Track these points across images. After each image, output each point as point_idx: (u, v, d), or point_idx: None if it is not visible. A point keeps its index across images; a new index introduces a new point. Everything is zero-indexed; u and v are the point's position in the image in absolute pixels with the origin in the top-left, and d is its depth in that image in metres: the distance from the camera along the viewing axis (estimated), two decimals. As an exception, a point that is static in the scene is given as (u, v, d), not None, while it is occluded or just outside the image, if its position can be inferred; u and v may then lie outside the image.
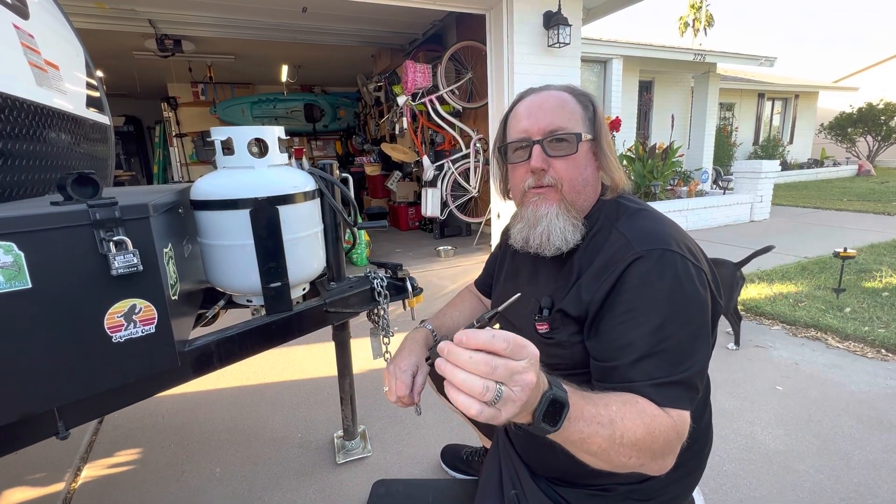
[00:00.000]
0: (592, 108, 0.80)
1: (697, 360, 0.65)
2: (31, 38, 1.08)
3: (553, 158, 0.76)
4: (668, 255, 0.67)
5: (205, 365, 0.99)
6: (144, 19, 4.49)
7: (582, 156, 0.78)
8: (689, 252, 0.70)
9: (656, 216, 0.77)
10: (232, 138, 1.06)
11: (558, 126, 0.76)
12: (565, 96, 0.79)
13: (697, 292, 0.67)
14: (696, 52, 8.05)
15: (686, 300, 0.65)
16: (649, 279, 0.66)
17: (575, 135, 0.76)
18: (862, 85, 14.85)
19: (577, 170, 0.77)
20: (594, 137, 0.79)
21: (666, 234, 0.71)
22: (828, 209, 6.59)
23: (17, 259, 0.64)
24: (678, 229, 0.75)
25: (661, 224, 0.75)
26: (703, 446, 0.85)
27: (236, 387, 2.07)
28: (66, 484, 1.46)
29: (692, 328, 0.65)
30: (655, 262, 0.67)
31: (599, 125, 0.79)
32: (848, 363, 2.08)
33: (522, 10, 3.89)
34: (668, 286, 0.66)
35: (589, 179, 0.79)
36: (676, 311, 0.65)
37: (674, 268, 0.66)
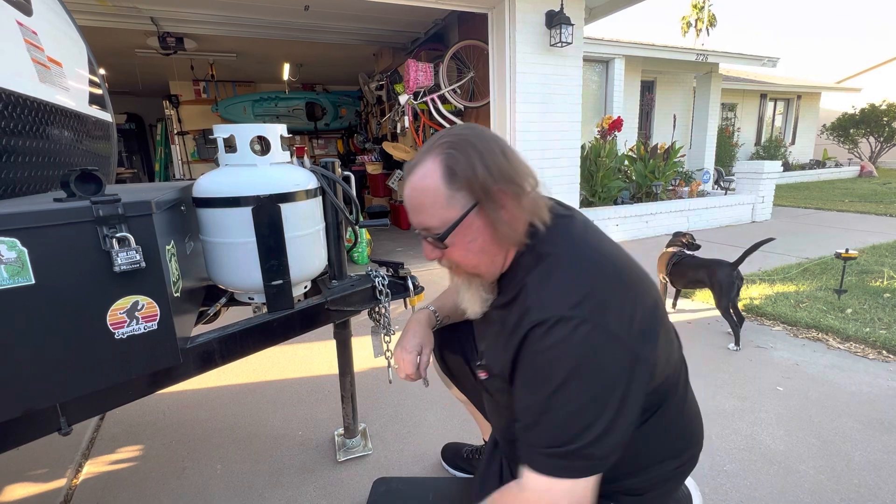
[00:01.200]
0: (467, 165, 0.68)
1: (590, 431, 0.62)
2: (34, 35, 1.09)
3: (439, 249, 0.75)
4: (563, 323, 0.62)
5: (206, 362, 0.99)
6: (147, 17, 4.49)
7: (462, 238, 0.72)
8: (596, 313, 0.63)
9: (573, 264, 0.69)
10: (234, 136, 1.07)
11: (425, 226, 0.73)
12: (429, 182, 0.70)
13: (594, 360, 0.62)
14: (699, 53, 8.04)
15: (577, 370, 0.62)
16: (540, 349, 0.64)
17: (439, 236, 0.71)
18: (864, 86, 14.81)
19: (462, 252, 0.73)
20: (475, 202, 0.70)
21: (571, 293, 0.65)
22: (830, 210, 6.58)
23: (20, 255, 0.64)
24: (599, 278, 0.67)
25: (571, 278, 0.67)
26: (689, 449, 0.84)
27: (237, 384, 2.07)
28: (68, 480, 1.46)
29: (585, 398, 0.62)
30: (548, 331, 0.63)
31: (483, 181, 0.68)
32: (849, 364, 2.08)
33: (524, 9, 3.89)
34: (558, 357, 0.63)
35: (484, 249, 0.73)
36: (564, 381, 0.62)
37: (566, 336, 0.62)
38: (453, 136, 0.71)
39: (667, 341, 0.73)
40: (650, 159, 5.76)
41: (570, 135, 4.41)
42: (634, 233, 5.17)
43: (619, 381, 0.63)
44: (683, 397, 0.81)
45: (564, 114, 4.32)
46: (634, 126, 8.26)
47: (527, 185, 0.72)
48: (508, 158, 0.71)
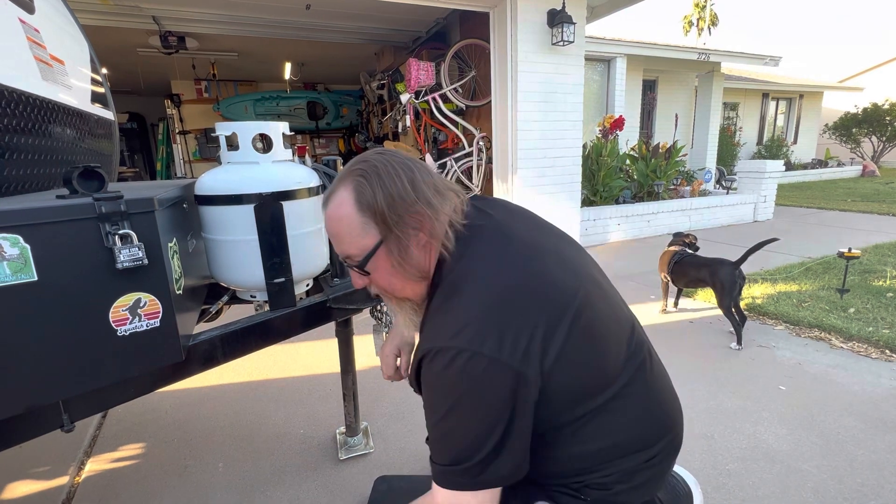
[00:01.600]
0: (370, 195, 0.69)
1: (480, 452, 0.65)
2: (36, 33, 1.09)
3: (367, 276, 0.77)
4: (442, 354, 0.66)
5: (209, 360, 0.99)
6: (148, 16, 4.50)
7: (381, 267, 0.74)
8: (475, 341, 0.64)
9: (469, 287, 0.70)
10: (237, 133, 1.07)
11: (345, 255, 0.75)
12: (343, 210, 0.71)
13: (474, 387, 0.64)
14: (700, 52, 8.02)
15: (458, 398, 0.65)
16: (426, 379, 0.69)
17: (358, 263, 0.73)
18: (867, 85, 14.76)
19: (385, 279, 0.76)
20: (382, 238, 0.71)
21: (453, 323, 0.67)
22: (832, 210, 6.56)
23: (23, 252, 0.64)
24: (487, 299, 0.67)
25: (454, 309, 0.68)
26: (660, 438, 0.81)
27: (239, 382, 2.08)
28: (70, 478, 1.47)
29: (470, 424, 0.65)
30: (430, 362, 0.67)
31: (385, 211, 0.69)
32: (852, 363, 2.08)
33: (526, 8, 3.88)
34: (439, 387, 0.67)
35: (403, 276, 0.75)
36: (449, 409, 0.66)
37: (444, 367, 0.65)
38: (363, 164, 0.72)
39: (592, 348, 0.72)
40: (652, 158, 5.75)
41: (571, 134, 4.40)
42: (636, 232, 5.16)
43: (502, 404, 0.65)
44: (646, 388, 0.79)
45: (566, 113, 4.31)
46: (636, 125, 8.25)
47: (436, 211, 0.71)
48: (416, 186, 0.71)
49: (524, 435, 0.68)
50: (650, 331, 2.48)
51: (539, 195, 4.36)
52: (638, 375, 0.78)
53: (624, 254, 4.51)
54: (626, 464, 0.77)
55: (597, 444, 0.75)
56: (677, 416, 0.85)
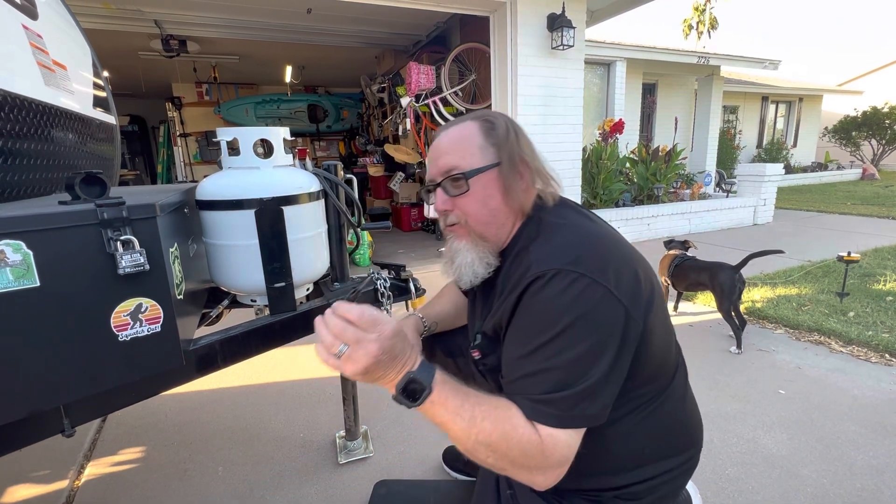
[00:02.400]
0: (497, 129, 0.78)
1: (586, 379, 0.63)
2: (39, 39, 1.09)
3: (455, 198, 0.78)
4: (561, 276, 0.65)
5: (209, 364, 0.99)
6: (150, 20, 4.51)
7: (481, 189, 0.76)
8: (592, 268, 0.66)
9: (574, 228, 0.74)
10: (238, 139, 1.07)
11: (451, 165, 0.77)
12: (465, 130, 0.78)
13: (590, 311, 0.64)
14: (700, 55, 8.04)
15: (573, 320, 0.63)
16: (538, 300, 0.67)
17: (463, 173, 0.76)
18: (866, 89, 14.79)
19: (477, 203, 0.77)
20: (499, 162, 0.77)
21: (569, 251, 0.68)
22: (832, 213, 6.57)
23: (25, 258, 0.65)
24: (594, 242, 0.71)
25: (572, 238, 0.71)
26: (687, 451, 0.83)
27: (239, 386, 2.08)
28: (70, 481, 1.47)
29: (579, 348, 0.63)
30: (546, 283, 0.66)
31: (511, 147, 0.77)
32: (851, 367, 2.08)
33: (526, 12, 3.90)
34: (554, 306, 0.65)
35: (497, 208, 0.77)
36: (561, 331, 0.64)
37: (563, 288, 0.64)
38: (495, 112, 0.82)
39: (663, 326, 0.77)
40: (652, 162, 5.76)
41: (571, 137, 4.41)
42: (636, 235, 5.17)
43: (613, 334, 0.65)
44: (683, 394, 0.82)
45: (566, 116, 4.33)
46: (636, 128, 8.26)
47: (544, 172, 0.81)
48: (533, 149, 0.82)
49: (620, 377, 0.68)
50: (650, 334, 2.49)
51: None
52: (682, 378, 0.83)
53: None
54: (658, 469, 0.78)
55: (639, 441, 0.76)
56: (701, 435, 0.88)
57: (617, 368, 0.66)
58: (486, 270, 0.79)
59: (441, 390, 0.64)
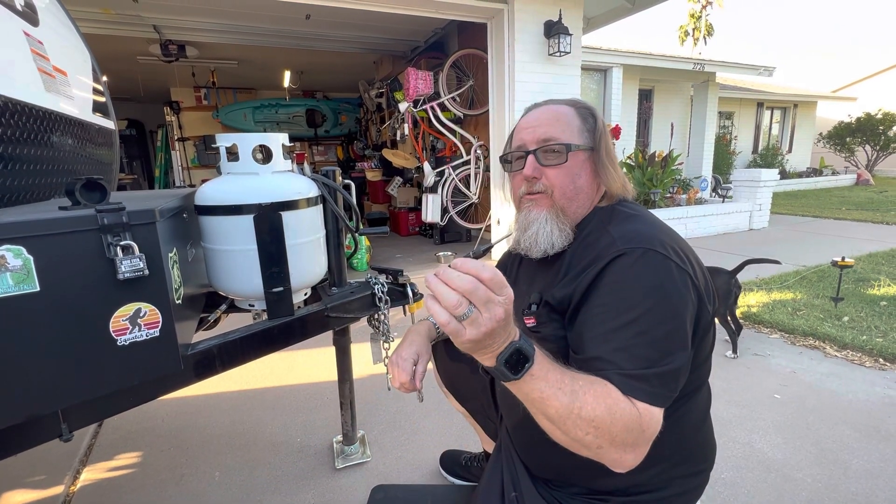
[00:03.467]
0: (594, 119, 0.84)
1: (674, 359, 0.65)
2: (40, 45, 1.10)
3: (545, 167, 0.81)
4: (650, 254, 0.68)
5: (207, 369, 1.00)
6: (149, 25, 4.53)
7: (574, 165, 0.81)
8: (675, 254, 0.70)
9: (650, 220, 0.78)
10: (237, 145, 1.08)
11: (551, 136, 0.81)
12: (564, 109, 0.84)
13: (678, 292, 0.67)
14: (696, 62, 8.12)
15: (662, 298, 0.66)
16: (628, 275, 0.68)
17: (565, 145, 0.80)
18: (860, 95, 14.94)
19: (568, 177, 0.81)
20: (592, 147, 0.82)
21: (653, 235, 0.72)
22: (826, 218, 6.62)
23: (26, 263, 0.65)
24: (670, 234, 0.76)
25: (651, 227, 0.76)
26: (700, 464, 0.84)
27: (236, 391, 2.07)
28: (66, 487, 1.46)
29: (668, 326, 0.66)
30: (636, 260, 0.68)
31: (600, 136, 0.83)
32: (846, 372, 2.09)
33: (523, 19, 3.94)
34: (645, 283, 0.67)
35: (583, 187, 0.82)
36: (651, 308, 0.65)
37: (654, 266, 0.68)
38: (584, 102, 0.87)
39: (708, 330, 0.79)
40: (648, 167, 5.80)
41: (568, 143, 4.44)
42: (633, 240, 5.19)
43: (691, 318, 0.69)
44: (706, 407, 0.85)
45: (563, 122, 4.35)
46: (632, 134, 8.32)
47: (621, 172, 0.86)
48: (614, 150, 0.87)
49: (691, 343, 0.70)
50: (646, 339, 2.50)
51: None
52: (706, 392, 0.85)
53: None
54: (668, 473, 0.79)
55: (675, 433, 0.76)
56: (713, 456, 0.89)
57: (691, 354, 0.69)
58: (564, 241, 0.80)
59: (542, 363, 0.60)
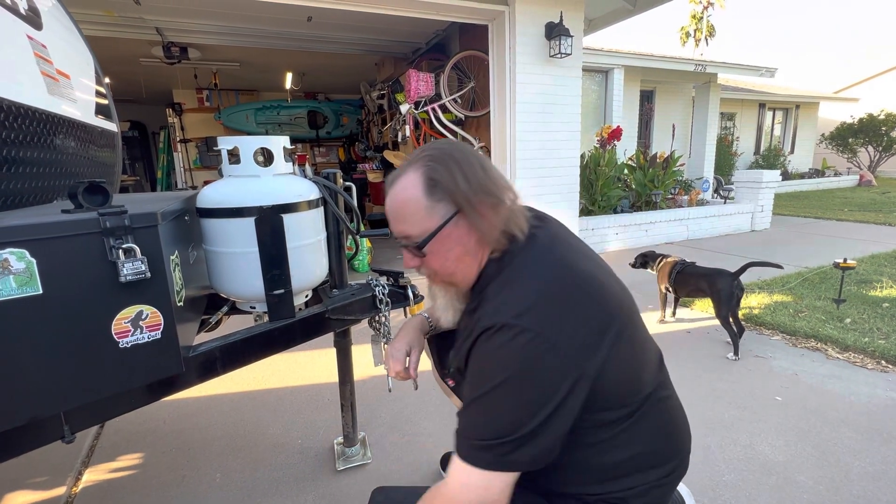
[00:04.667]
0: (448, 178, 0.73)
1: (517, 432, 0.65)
2: (43, 49, 1.11)
3: (418, 258, 0.79)
4: (505, 330, 0.66)
5: (208, 370, 1.00)
6: (152, 27, 4.55)
7: (441, 247, 0.76)
8: (540, 323, 0.66)
9: (531, 276, 0.72)
10: (238, 147, 1.09)
11: (406, 234, 0.77)
12: (408, 194, 0.74)
13: (529, 368, 0.65)
14: (697, 63, 8.11)
15: (511, 376, 0.66)
16: (484, 352, 0.69)
17: (418, 245, 0.76)
18: (863, 96, 14.91)
19: (440, 261, 0.78)
20: (458, 210, 0.74)
21: (520, 303, 0.68)
22: (829, 219, 6.60)
23: (29, 266, 0.66)
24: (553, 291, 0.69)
25: (525, 290, 0.70)
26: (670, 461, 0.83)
27: (237, 392, 2.08)
28: (68, 488, 1.47)
29: (517, 402, 0.66)
30: (490, 338, 0.68)
31: (464, 191, 0.73)
32: (848, 374, 2.08)
33: (524, 21, 3.94)
34: (496, 362, 0.68)
35: (461, 258, 0.77)
36: (498, 385, 0.66)
37: (506, 343, 0.66)
38: (435, 150, 0.76)
39: (632, 358, 0.75)
40: (649, 168, 5.79)
41: (569, 144, 4.44)
42: (634, 241, 5.18)
43: (553, 391, 0.66)
44: (664, 409, 0.82)
45: (564, 123, 4.36)
46: (634, 135, 8.31)
47: (505, 198, 0.76)
48: (487, 172, 0.76)
49: (564, 424, 0.68)
50: (648, 341, 2.49)
51: (537, 205, 4.28)
52: (662, 395, 0.82)
53: (622, 263, 4.51)
54: (643, 479, 0.79)
55: (619, 454, 0.77)
56: (688, 440, 0.88)
57: (557, 418, 0.66)
58: (456, 316, 0.84)
59: None
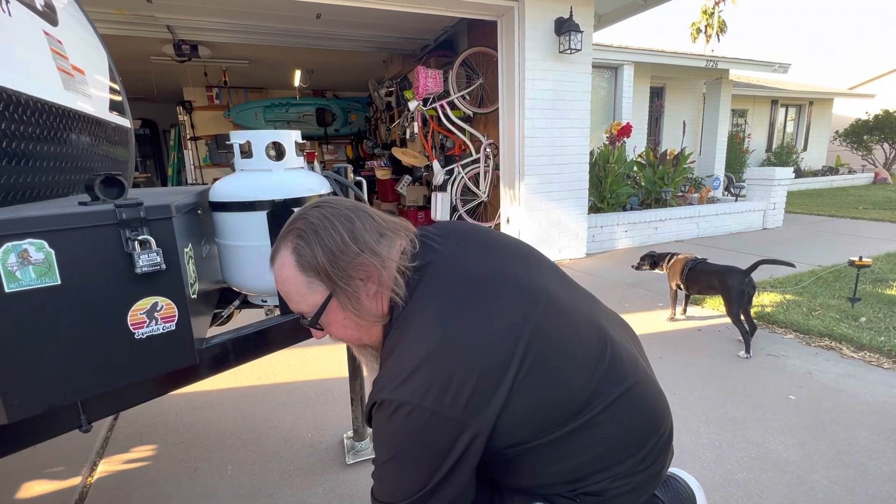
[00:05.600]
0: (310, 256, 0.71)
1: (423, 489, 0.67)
2: (59, 44, 1.12)
3: (322, 330, 0.80)
4: (385, 406, 0.67)
5: (221, 363, 1.01)
6: (163, 25, 4.59)
7: (335, 319, 0.76)
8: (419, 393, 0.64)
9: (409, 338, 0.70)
10: (250, 142, 1.09)
11: (299, 311, 0.77)
12: (286, 272, 0.73)
13: (414, 437, 0.66)
14: (709, 59, 8.01)
15: (398, 447, 0.68)
16: (374, 428, 0.71)
17: (308, 321, 0.76)
18: (879, 92, 14.62)
19: (340, 330, 0.78)
20: (330, 293, 0.73)
21: (400, 373, 0.67)
22: (843, 217, 6.49)
23: (47, 256, 0.67)
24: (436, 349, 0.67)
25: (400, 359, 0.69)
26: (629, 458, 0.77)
27: (248, 386, 2.10)
28: (83, 478, 1.49)
29: (412, 470, 0.68)
30: (375, 412, 0.70)
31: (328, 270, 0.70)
32: (863, 373, 2.05)
33: (534, 16, 3.92)
34: (383, 436, 0.69)
35: (357, 324, 0.77)
36: (390, 457, 0.69)
37: (387, 419, 0.67)
38: (301, 222, 0.73)
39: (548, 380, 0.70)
40: (659, 165, 5.74)
41: (578, 141, 4.41)
42: (643, 239, 5.14)
43: (443, 453, 0.66)
44: (620, 408, 0.75)
45: (573, 120, 4.33)
46: (644, 132, 8.24)
47: (381, 258, 0.72)
48: (356, 236, 0.71)
49: (467, 475, 0.69)
50: (658, 339, 2.48)
51: (546, 202, 4.37)
52: (612, 394, 0.74)
53: (631, 261, 4.49)
54: (618, 469, 0.75)
55: (578, 458, 0.74)
56: (664, 412, 0.82)
57: (456, 473, 0.67)
58: (374, 373, 0.84)
59: None
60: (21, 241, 0.64)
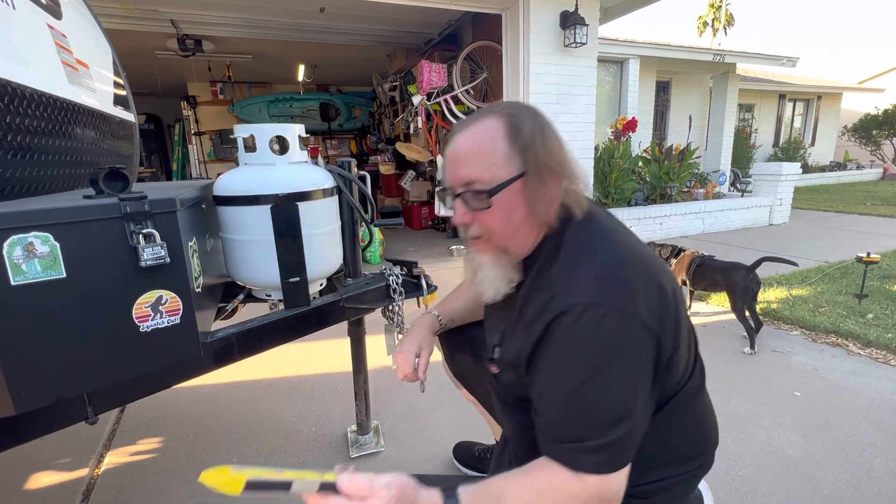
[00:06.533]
0: (529, 134, 0.69)
1: (621, 426, 0.61)
2: (63, 38, 1.12)
3: (475, 212, 0.71)
4: (591, 311, 0.61)
5: (225, 356, 1.01)
6: (167, 20, 4.59)
7: (506, 202, 0.69)
8: (624, 300, 0.62)
9: (599, 252, 0.69)
10: (254, 136, 1.09)
11: (472, 178, 0.69)
12: (488, 135, 0.69)
13: (625, 348, 0.61)
14: (715, 52, 7.92)
15: (609, 360, 0.61)
16: (568, 338, 0.63)
17: (488, 191, 0.68)
18: (888, 86, 14.43)
19: (501, 218, 0.70)
20: (525, 172, 0.69)
21: (598, 281, 0.64)
22: (850, 213, 6.43)
23: (52, 249, 0.67)
24: (625, 267, 0.66)
25: (597, 267, 0.66)
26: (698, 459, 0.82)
27: (252, 380, 2.11)
28: (90, 470, 1.51)
29: (617, 389, 0.62)
30: (576, 319, 0.61)
31: (538, 154, 0.69)
32: (870, 370, 2.04)
33: (539, 9, 3.88)
34: (587, 346, 0.62)
35: (523, 220, 0.71)
36: (596, 372, 0.61)
37: (596, 325, 0.61)
38: (519, 105, 0.72)
39: (688, 335, 0.74)
40: (665, 160, 5.70)
41: (583, 136, 4.39)
42: (648, 235, 5.12)
43: (648, 365, 0.63)
44: (699, 397, 0.80)
45: (578, 114, 4.30)
46: (649, 127, 8.18)
47: (573, 170, 0.73)
48: (563, 147, 0.73)
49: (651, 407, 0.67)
50: (662, 334, 2.46)
51: None
52: (699, 381, 0.80)
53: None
54: (672, 471, 0.77)
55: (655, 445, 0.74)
56: (715, 438, 0.86)
57: (653, 395, 0.65)
58: (508, 287, 0.75)
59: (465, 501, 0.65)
60: (26, 234, 0.64)
